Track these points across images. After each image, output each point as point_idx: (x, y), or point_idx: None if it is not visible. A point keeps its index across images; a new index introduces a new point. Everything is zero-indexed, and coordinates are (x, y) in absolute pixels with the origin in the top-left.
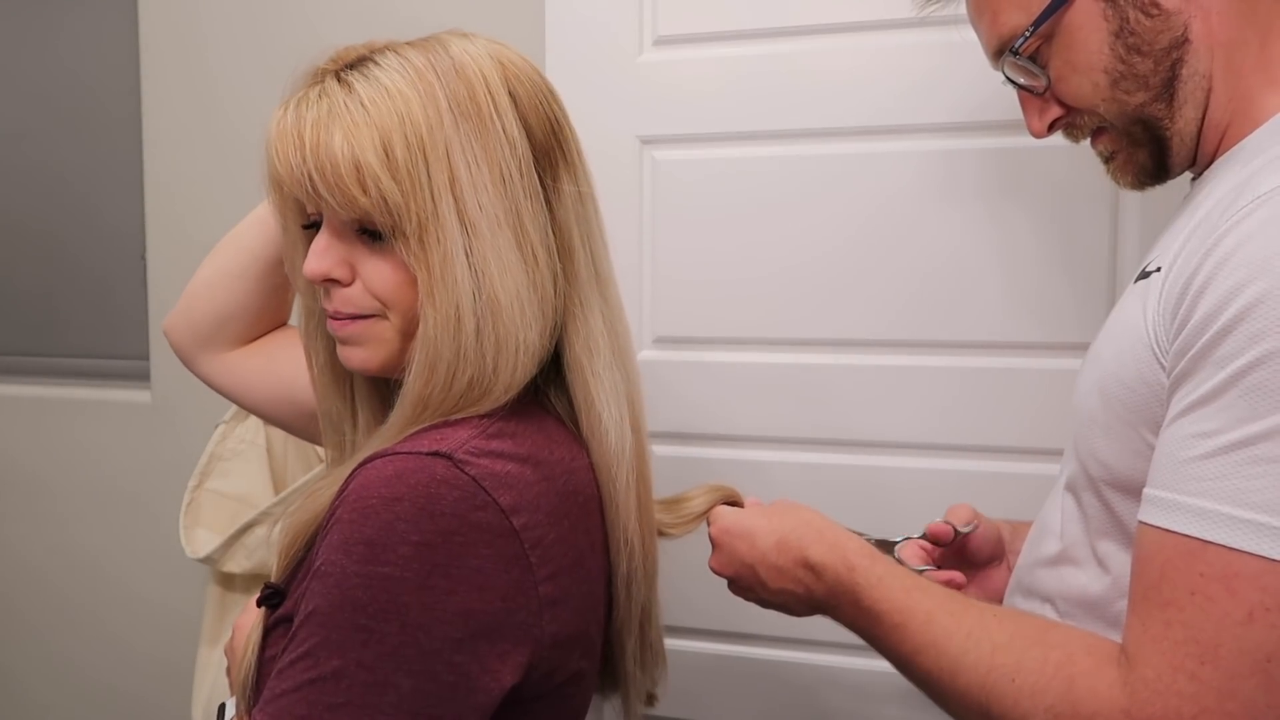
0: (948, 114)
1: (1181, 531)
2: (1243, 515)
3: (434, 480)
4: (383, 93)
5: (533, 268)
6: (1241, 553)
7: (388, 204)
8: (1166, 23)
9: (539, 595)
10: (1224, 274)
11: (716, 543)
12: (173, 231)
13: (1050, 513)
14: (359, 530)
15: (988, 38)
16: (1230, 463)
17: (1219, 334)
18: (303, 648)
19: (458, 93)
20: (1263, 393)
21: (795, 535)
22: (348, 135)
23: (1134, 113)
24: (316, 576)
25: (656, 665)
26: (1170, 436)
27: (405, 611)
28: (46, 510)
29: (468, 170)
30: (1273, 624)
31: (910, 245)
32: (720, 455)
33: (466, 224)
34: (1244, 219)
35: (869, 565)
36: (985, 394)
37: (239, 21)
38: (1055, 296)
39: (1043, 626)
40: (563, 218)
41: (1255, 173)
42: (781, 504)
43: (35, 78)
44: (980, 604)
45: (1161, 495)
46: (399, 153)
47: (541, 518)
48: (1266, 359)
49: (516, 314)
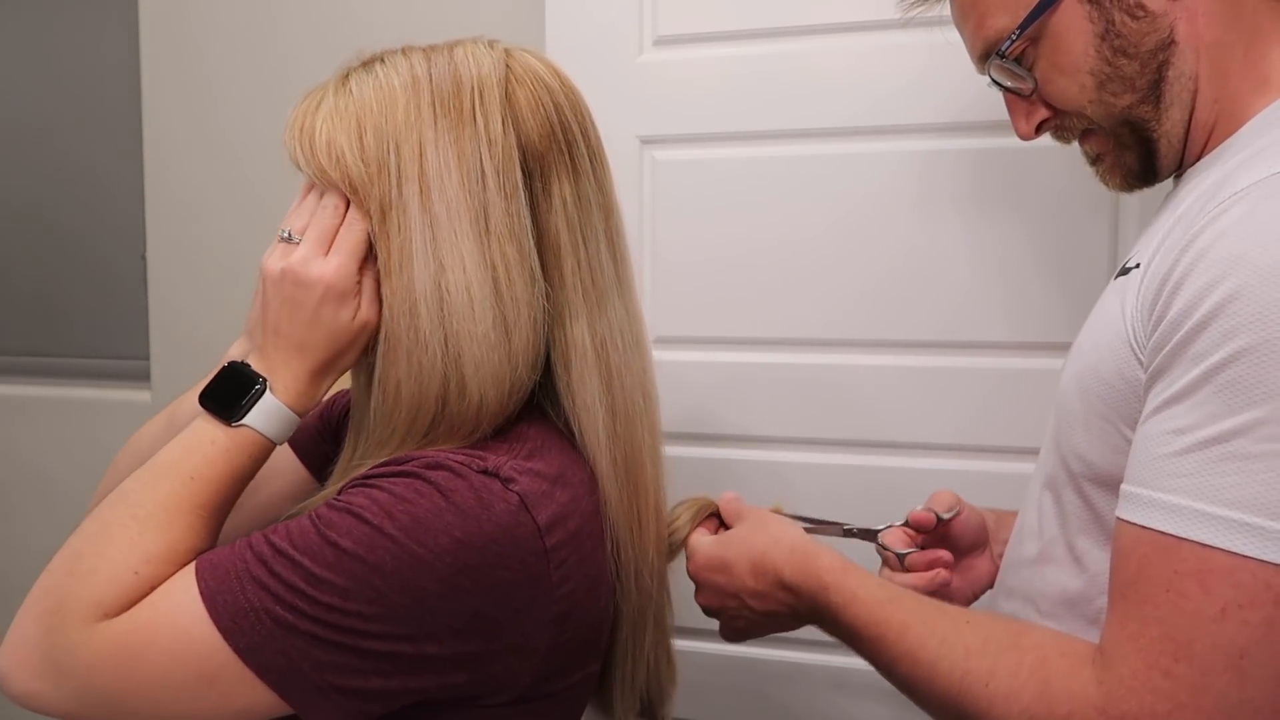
0: (950, 113)
1: (1157, 528)
2: (1216, 512)
3: (488, 490)
4: (375, 87)
5: (497, 263)
6: (1215, 549)
7: (351, 181)
8: (1153, 25)
9: (551, 611)
10: (1200, 269)
11: (696, 581)
12: (173, 231)
13: (1028, 513)
14: (409, 506)
15: (973, 41)
16: (1204, 459)
17: (1194, 330)
18: (313, 564)
19: (443, 90)
20: (1236, 389)
21: (768, 558)
22: (328, 118)
23: (1121, 114)
24: (351, 512)
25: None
26: (1146, 433)
27: (423, 596)
28: (47, 510)
29: (437, 164)
30: (1245, 620)
31: (912, 245)
32: (720, 455)
33: (430, 216)
34: (1220, 214)
35: (841, 581)
36: (986, 394)
37: (239, 22)
38: (1057, 296)
39: (1017, 630)
40: (548, 223)
41: (1234, 169)
42: (750, 521)
43: (35, 78)
44: (955, 610)
45: (1137, 492)
46: (370, 138)
47: (568, 538)
48: (1240, 355)
49: (467, 309)
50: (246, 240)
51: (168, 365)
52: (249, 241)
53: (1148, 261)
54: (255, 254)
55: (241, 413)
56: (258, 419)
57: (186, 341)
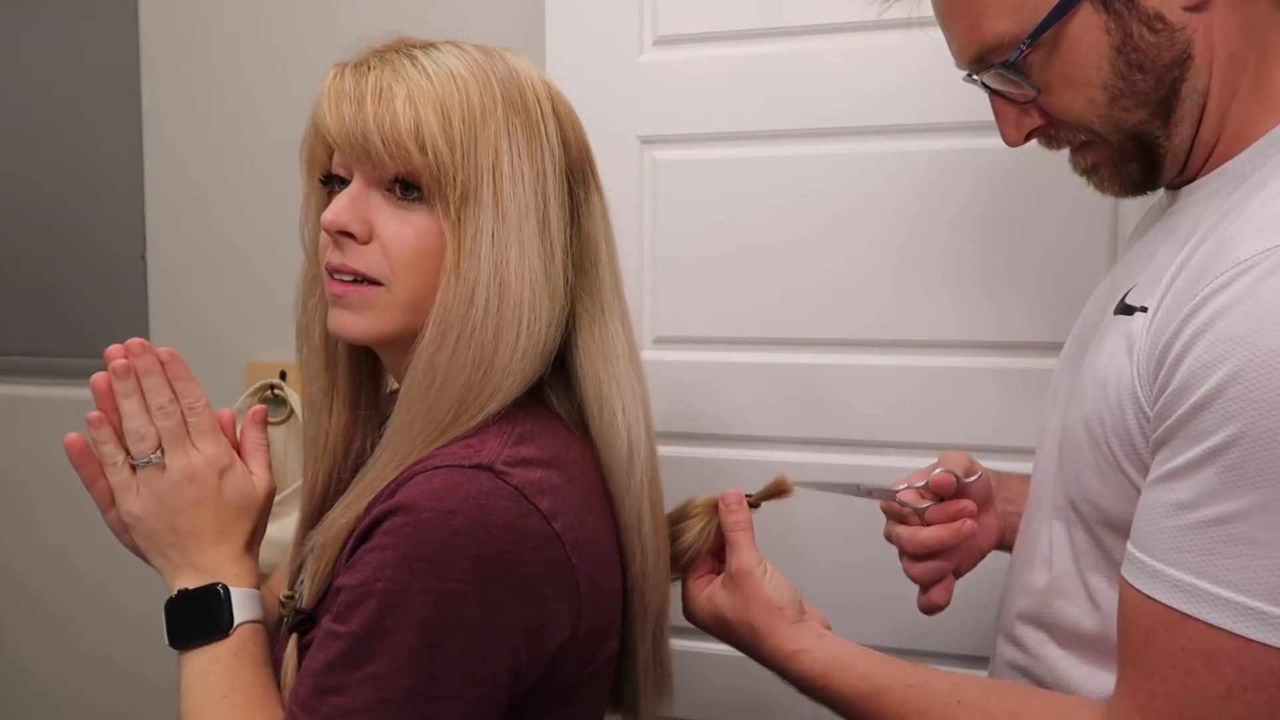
0: (950, 113)
1: (1164, 602)
2: (1221, 594)
3: (482, 492)
4: (445, 71)
5: (548, 262)
6: (1220, 630)
7: (439, 166)
8: (1171, 38)
9: (579, 594)
10: (1201, 345)
11: (693, 623)
12: (173, 231)
13: (1038, 537)
14: (417, 547)
15: (964, 43)
16: (1208, 539)
17: (1195, 407)
18: (371, 667)
19: (510, 92)
20: (1237, 472)
21: (759, 646)
22: (411, 96)
23: (1130, 129)
24: (375, 595)
25: (664, 690)
26: (1151, 499)
27: (469, 624)
28: (47, 511)
29: (510, 159)
30: (1249, 701)
31: (912, 244)
32: (720, 455)
33: (500, 207)
34: (1223, 288)
35: (825, 685)
36: (987, 394)
37: (239, 22)
38: (1058, 296)
39: (1014, 706)
40: (590, 228)
41: (1238, 222)
42: (736, 586)
43: (36, 76)
44: (945, 687)
45: (1143, 559)
46: (456, 122)
47: (574, 519)
48: (1239, 439)
49: (526, 298)
50: (247, 239)
51: None
52: (249, 241)
53: (1154, 309)
54: (255, 254)
55: (228, 620)
56: (244, 612)
57: (186, 341)
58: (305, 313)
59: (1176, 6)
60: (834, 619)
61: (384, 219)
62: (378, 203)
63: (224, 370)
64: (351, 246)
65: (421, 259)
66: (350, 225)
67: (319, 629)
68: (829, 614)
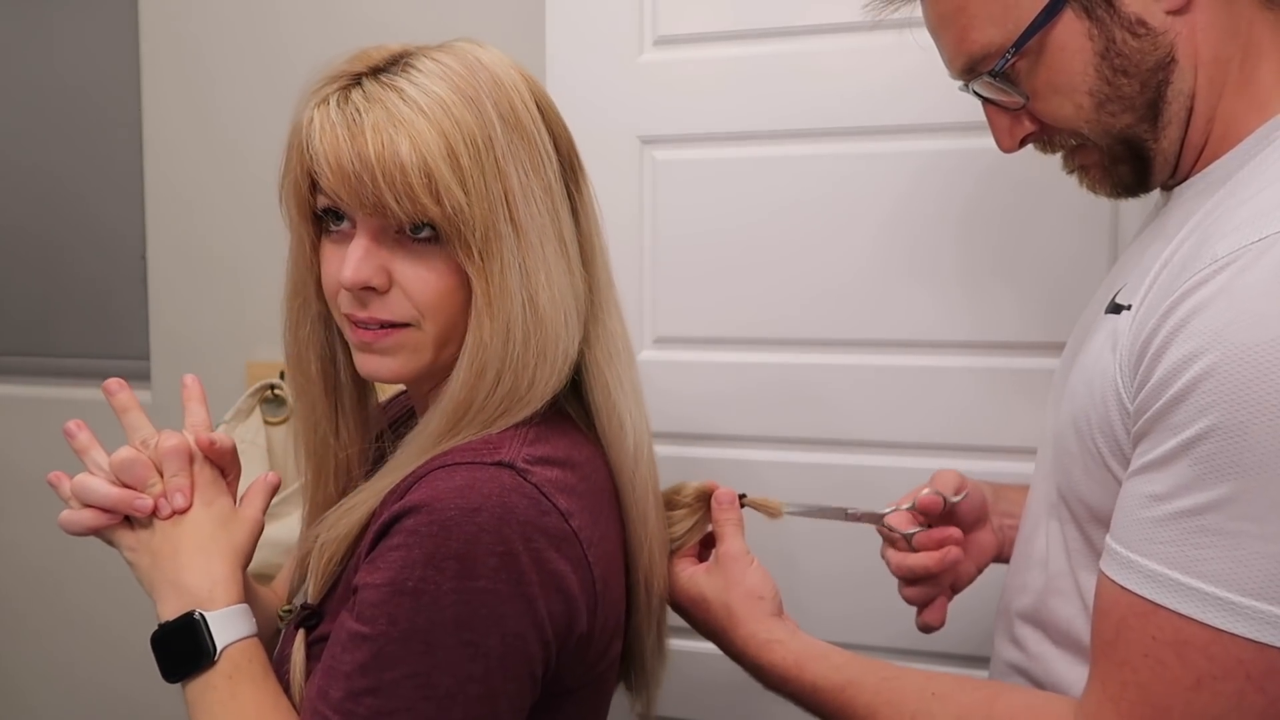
0: (951, 113)
1: (1136, 591)
2: (1191, 584)
3: (505, 489)
4: (435, 99)
5: (571, 277)
6: (1190, 620)
7: (458, 214)
8: (1154, 42)
9: (595, 592)
10: (1179, 340)
11: (675, 610)
12: (173, 232)
13: (1036, 538)
14: (444, 545)
15: (954, 52)
16: (1181, 530)
17: (1172, 401)
18: (407, 667)
19: (501, 104)
20: (1210, 464)
21: (736, 635)
22: (414, 142)
23: (1118, 133)
24: (406, 594)
25: (661, 669)
26: (1129, 491)
27: (504, 621)
28: (47, 510)
29: (519, 180)
30: (1219, 691)
31: (912, 244)
32: (720, 455)
33: (520, 234)
34: (1201, 284)
35: (798, 676)
36: (987, 395)
37: (239, 24)
38: (1057, 296)
39: (988, 699)
40: (587, 226)
41: (1219, 219)
42: (721, 569)
43: (35, 79)
44: (918, 682)
45: (1119, 550)
46: (465, 161)
47: (588, 518)
48: (1213, 431)
49: (560, 323)
50: (247, 240)
51: (168, 365)
52: (249, 241)
53: (1137, 307)
54: (255, 254)
55: (211, 647)
56: (227, 634)
57: (186, 341)
58: (297, 341)
59: (1159, 11)
60: (835, 622)
61: (401, 265)
62: (390, 248)
63: (224, 370)
64: (373, 297)
65: (445, 298)
66: (372, 280)
67: (335, 626)
68: (829, 619)
